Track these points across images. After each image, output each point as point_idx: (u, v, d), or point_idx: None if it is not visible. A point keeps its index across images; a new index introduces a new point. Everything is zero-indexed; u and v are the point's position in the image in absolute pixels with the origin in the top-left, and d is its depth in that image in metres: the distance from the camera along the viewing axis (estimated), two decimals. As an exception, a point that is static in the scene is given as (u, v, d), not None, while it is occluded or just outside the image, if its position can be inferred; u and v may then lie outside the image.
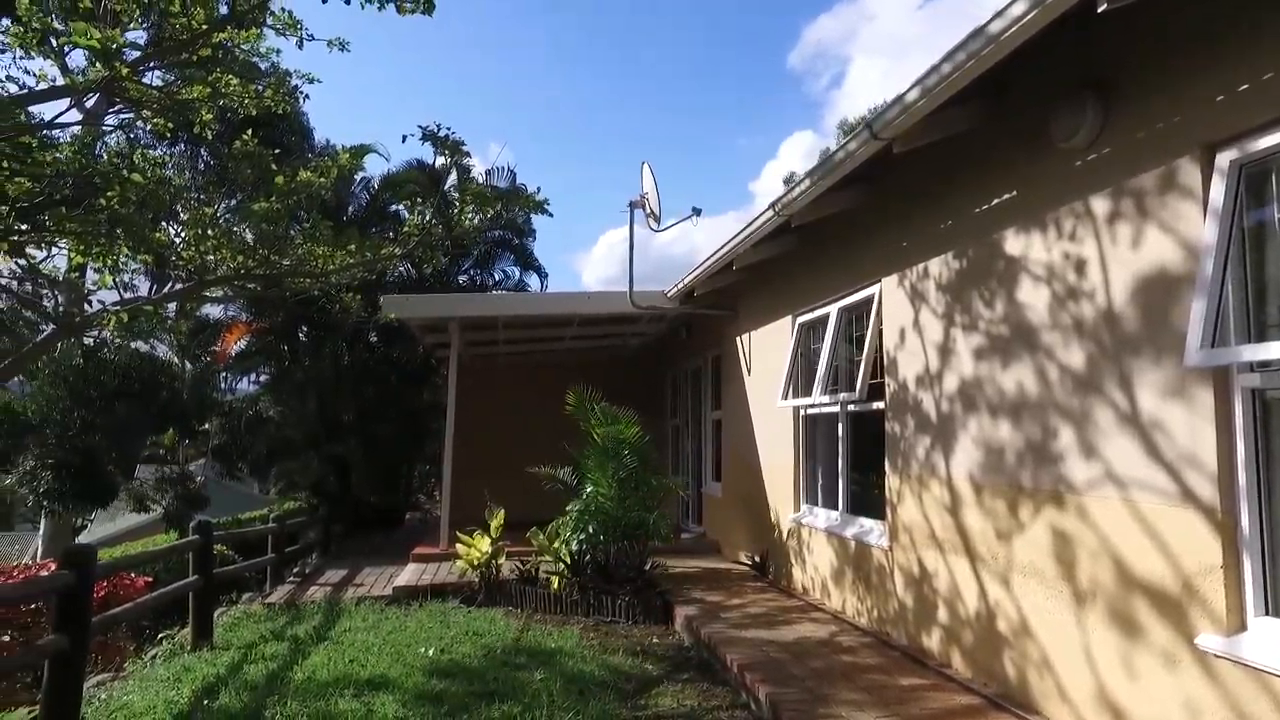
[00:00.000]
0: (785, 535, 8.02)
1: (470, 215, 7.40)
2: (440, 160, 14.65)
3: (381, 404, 13.99)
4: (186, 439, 18.85)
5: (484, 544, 8.00)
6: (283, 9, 7.58)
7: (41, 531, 19.21)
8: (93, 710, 5.11)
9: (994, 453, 4.66)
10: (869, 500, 6.70)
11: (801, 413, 7.87)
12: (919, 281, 5.62)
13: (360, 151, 13.40)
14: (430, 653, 6.02)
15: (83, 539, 20.60)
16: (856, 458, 6.95)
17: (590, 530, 7.46)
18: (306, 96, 7.75)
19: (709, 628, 6.10)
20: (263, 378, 16.15)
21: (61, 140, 6.42)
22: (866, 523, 6.47)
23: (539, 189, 7.18)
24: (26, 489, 14.46)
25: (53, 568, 7.90)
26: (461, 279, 16.06)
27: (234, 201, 9.80)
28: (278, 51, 8.48)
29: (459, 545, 8.24)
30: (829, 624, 6.27)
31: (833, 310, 7.09)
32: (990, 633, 4.64)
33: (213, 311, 15.55)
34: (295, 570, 10.45)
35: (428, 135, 6.49)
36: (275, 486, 17.66)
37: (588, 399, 8.20)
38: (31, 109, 6.36)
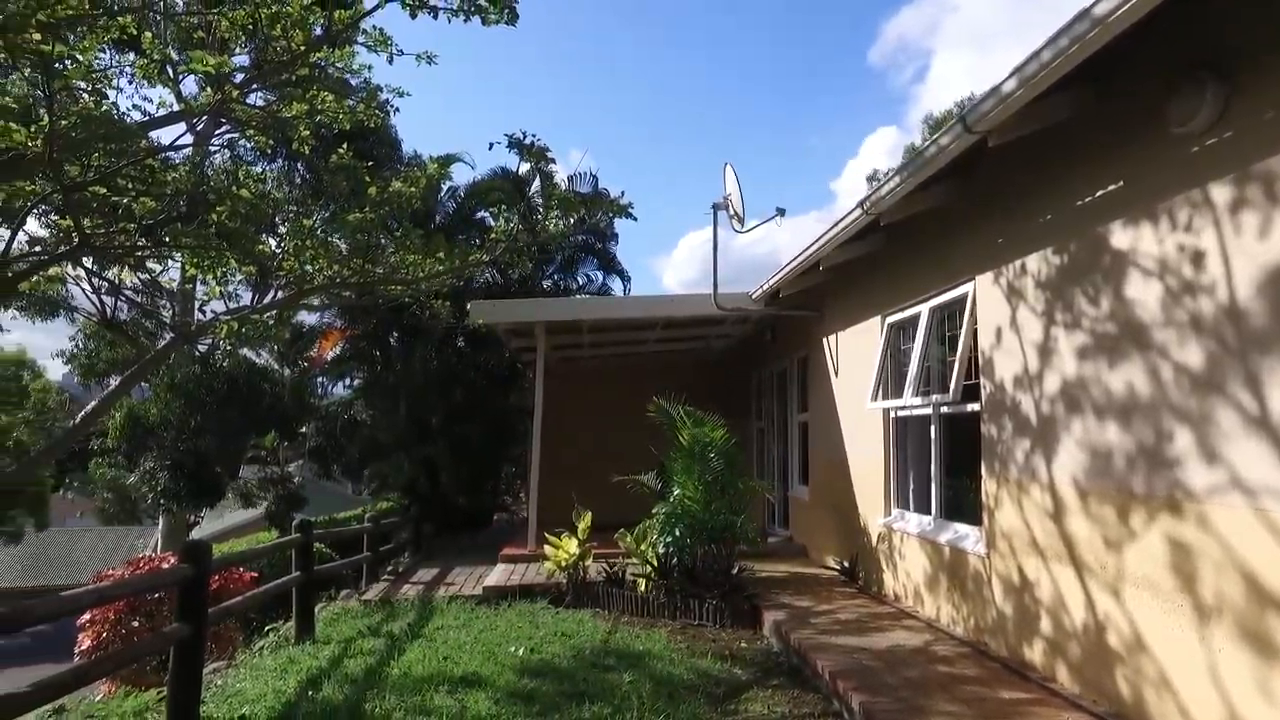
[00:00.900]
0: (875, 540, 7.83)
1: (555, 220, 7.51)
2: (524, 167, 14.97)
3: (469, 407, 14.33)
4: (286, 441, 19.76)
5: (571, 546, 8.08)
6: (374, 26, 7.86)
7: (160, 526, 20.51)
8: (211, 695, 5.39)
9: (1101, 456, 4.43)
10: (963, 505, 6.47)
11: (891, 414, 7.67)
12: (1016, 279, 5.41)
13: (447, 161, 13.75)
14: (520, 652, 6.12)
15: (195, 534, 21.84)
16: (950, 461, 6.73)
17: (677, 533, 7.45)
18: (396, 110, 8.00)
19: (798, 633, 6.01)
20: (356, 382, 16.76)
21: (177, 161, 6.81)
22: (961, 528, 6.26)
23: (623, 193, 7.24)
24: (147, 487, 15.45)
25: (172, 560, 8.41)
26: (546, 284, 16.31)
27: (328, 212, 10.22)
28: (369, 68, 8.79)
29: (546, 547, 8.35)
30: (923, 632, 6.09)
31: (923, 310, 6.89)
32: (1100, 647, 4.40)
33: (308, 319, 16.25)
34: (389, 569, 10.79)
35: (514, 143, 6.62)
36: (368, 487, 18.31)
37: (672, 402, 8.19)
38: (151, 134, 6.77)
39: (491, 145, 14.02)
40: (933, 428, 6.78)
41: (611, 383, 14.12)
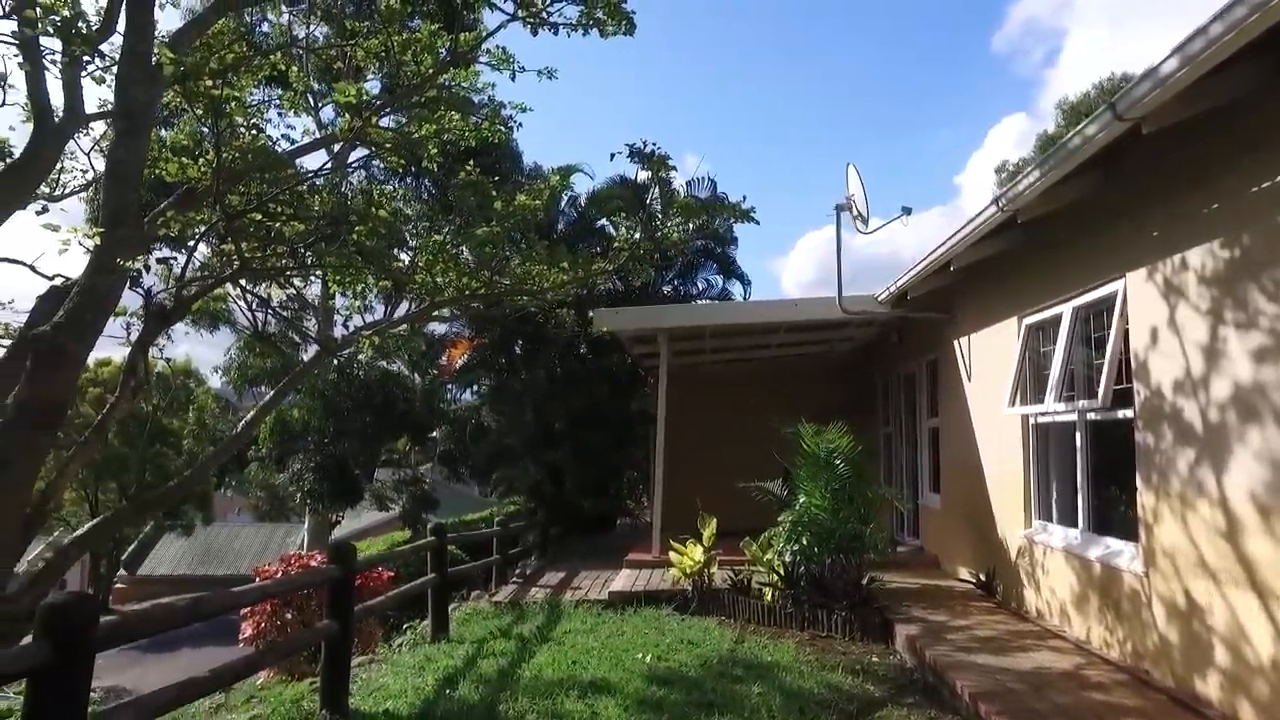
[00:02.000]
0: (1014, 553, 7.41)
1: (676, 227, 7.53)
2: (643, 175, 15.12)
3: (592, 412, 14.56)
4: (417, 445, 20.72)
5: (696, 553, 8.06)
6: (496, 46, 8.12)
7: (307, 524, 21.93)
8: (357, 687, 5.68)
9: (1283, 470, 4.01)
10: (1115, 518, 6.03)
11: (1031, 421, 7.25)
12: (1175, 274, 4.99)
13: (568, 172, 14.11)
14: (648, 659, 6.15)
15: (336, 532, 23.22)
16: (1097, 471, 6.28)
17: (804, 542, 7.31)
18: (519, 125, 8.24)
19: (934, 649, 5.75)
20: (482, 389, 17.35)
21: (320, 185, 7.26)
22: (1114, 544, 5.82)
23: (744, 197, 7.16)
24: (295, 488, 16.58)
25: (320, 559, 8.96)
26: (666, 289, 16.38)
27: (453, 225, 10.64)
28: (493, 85, 9.08)
29: (671, 553, 8.37)
30: (1071, 654, 5.70)
31: (1065, 310, 6.47)
32: (1285, 680, 3.99)
33: (438, 328, 16.95)
34: (517, 571, 11.10)
35: (635, 152, 6.69)
36: (495, 491, 18.93)
37: (796, 408, 8.05)
38: (297, 160, 7.25)
39: (613, 156, 14.23)
40: (1078, 435, 6.35)
41: (734, 387, 14.03)
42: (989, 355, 8.16)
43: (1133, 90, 4.17)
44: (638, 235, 7.90)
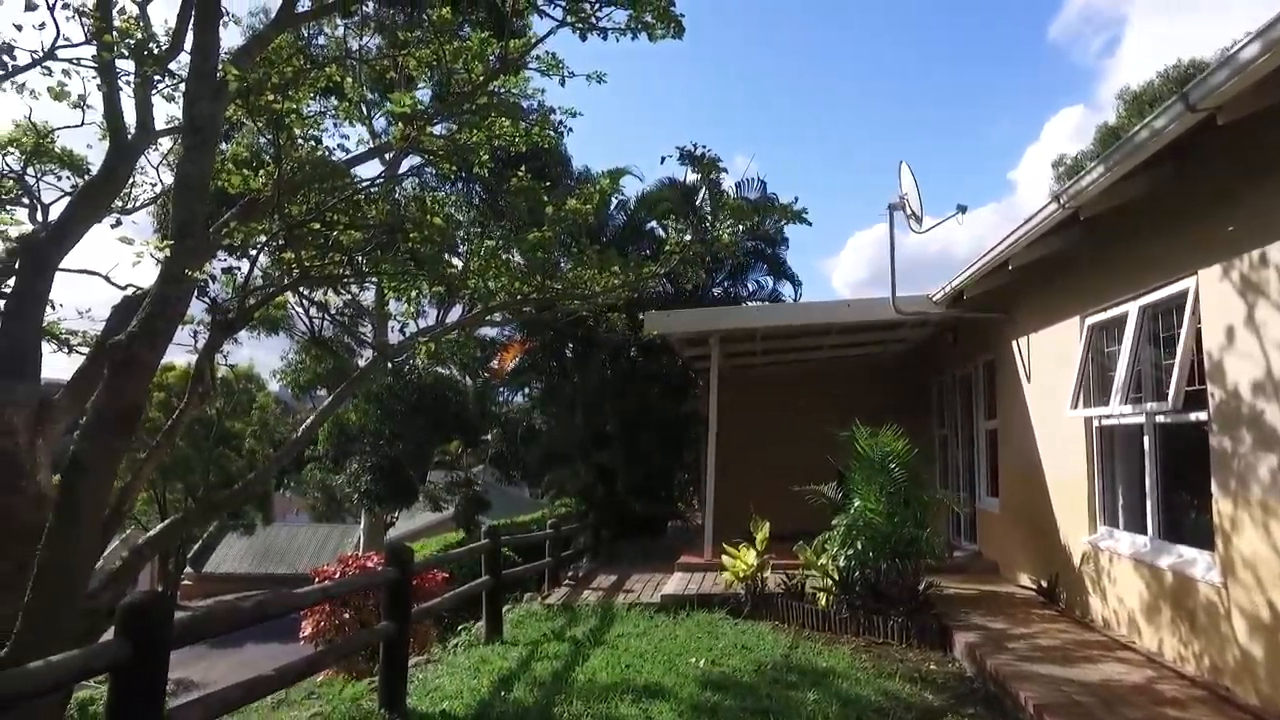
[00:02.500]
0: (1077, 559, 7.19)
1: (727, 229, 7.49)
2: (692, 176, 15.10)
3: (642, 415, 14.59)
4: (469, 447, 21.01)
5: (749, 556, 8.01)
6: (546, 52, 8.17)
7: (362, 524, 22.40)
8: (414, 688, 5.77)
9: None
10: (1188, 525, 5.81)
11: (1095, 423, 7.03)
12: (1253, 271, 4.78)
13: (617, 174, 14.12)
14: (701, 663, 6.12)
15: (391, 534, 23.66)
16: (1167, 476, 6.06)
17: (858, 546, 7.21)
18: (570, 130, 8.28)
19: (995, 658, 5.61)
20: (533, 391, 17.50)
21: (374, 193, 7.40)
22: (1187, 552, 5.60)
23: (795, 199, 7.09)
24: (351, 489, 16.95)
25: (375, 559, 9.13)
26: (716, 291, 16.32)
27: (504, 230, 10.76)
28: (542, 91, 9.14)
29: (724, 557, 8.32)
30: (1142, 667, 5.50)
31: (1131, 309, 6.26)
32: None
33: (488, 332, 17.15)
34: (569, 573, 11.15)
35: (685, 155, 6.68)
36: (547, 493, 19.09)
37: (848, 409, 7.94)
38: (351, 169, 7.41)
39: (664, 159, 14.27)
40: (1146, 439, 6.14)
41: (786, 389, 13.92)
42: (1049, 356, 7.94)
43: (1209, 79, 4.00)
44: (688, 238, 7.86)
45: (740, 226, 7.53)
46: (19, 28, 4.97)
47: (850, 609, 7.18)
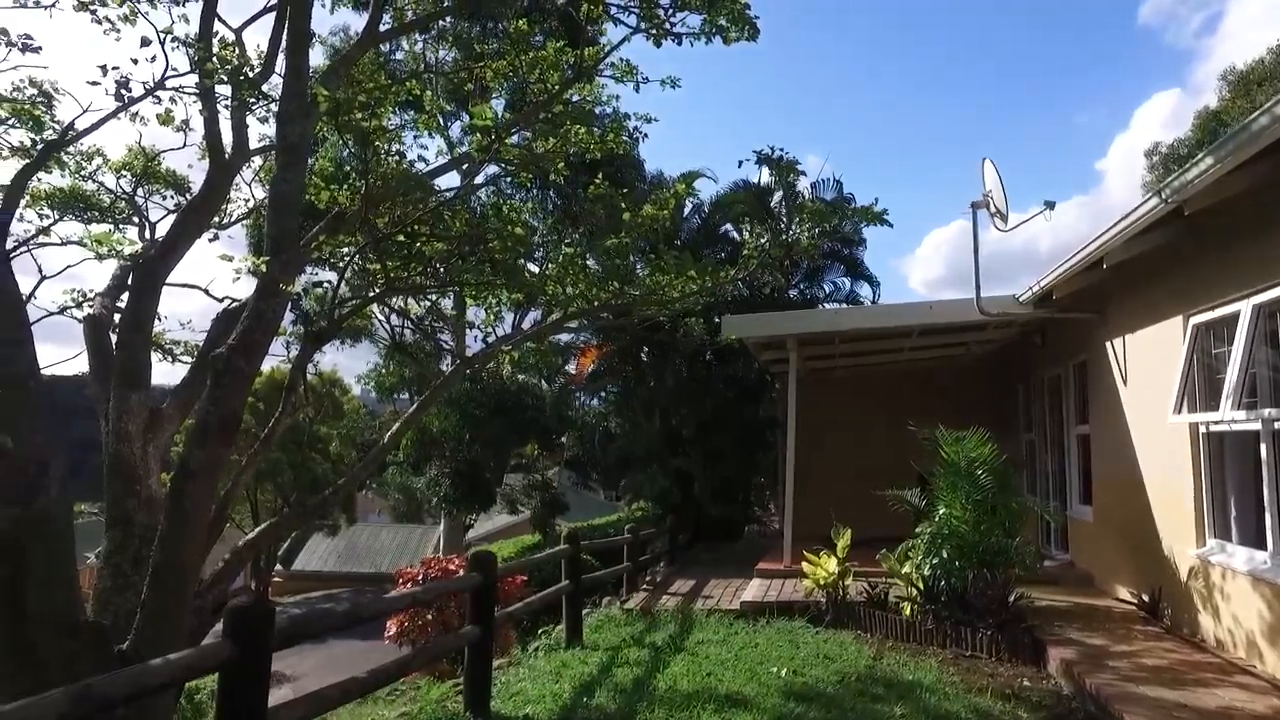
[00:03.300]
0: (1184, 574, 6.81)
1: (806, 232, 7.38)
2: (767, 178, 14.98)
3: (719, 419, 14.53)
4: (545, 451, 21.27)
5: (830, 564, 7.87)
6: (620, 59, 8.21)
7: (441, 526, 22.93)
8: (497, 690, 5.86)
9: None
10: (1310, 539, 5.43)
11: (1202, 430, 6.65)
12: (1381, 268, 4.45)
13: (691, 178, 14.10)
14: (783, 673, 6.04)
15: (469, 536, 24.14)
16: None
17: (944, 555, 7.00)
18: (645, 136, 8.30)
19: (1096, 677, 5.36)
20: (610, 395, 17.62)
21: (455, 204, 7.57)
22: (1309, 568, 5.24)
23: (875, 200, 6.94)
24: (432, 492, 17.38)
25: (457, 562, 9.32)
26: (792, 294, 16.14)
27: (576, 235, 10.86)
28: (617, 97, 9.19)
29: (804, 564, 8.19)
30: (1267, 694, 5.13)
31: (1244, 308, 5.90)
32: None
33: (565, 337, 17.34)
34: (647, 579, 11.17)
35: (762, 159, 6.62)
36: (624, 497, 19.19)
37: (931, 413, 7.73)
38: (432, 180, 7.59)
39: (741, 163, 14.13)
40: (1263, 447, 5.77)
41: (865, 392, 13.65)
42: (1148, 358, 7.56)
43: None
44: (765, 241, 7.77)
45: (824, 229, 7.39)
46: (135, 61, 5.26)
47: (936, 620, 6.98)
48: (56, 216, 7.22)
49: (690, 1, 7.33)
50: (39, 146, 6.43)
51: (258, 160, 7.93)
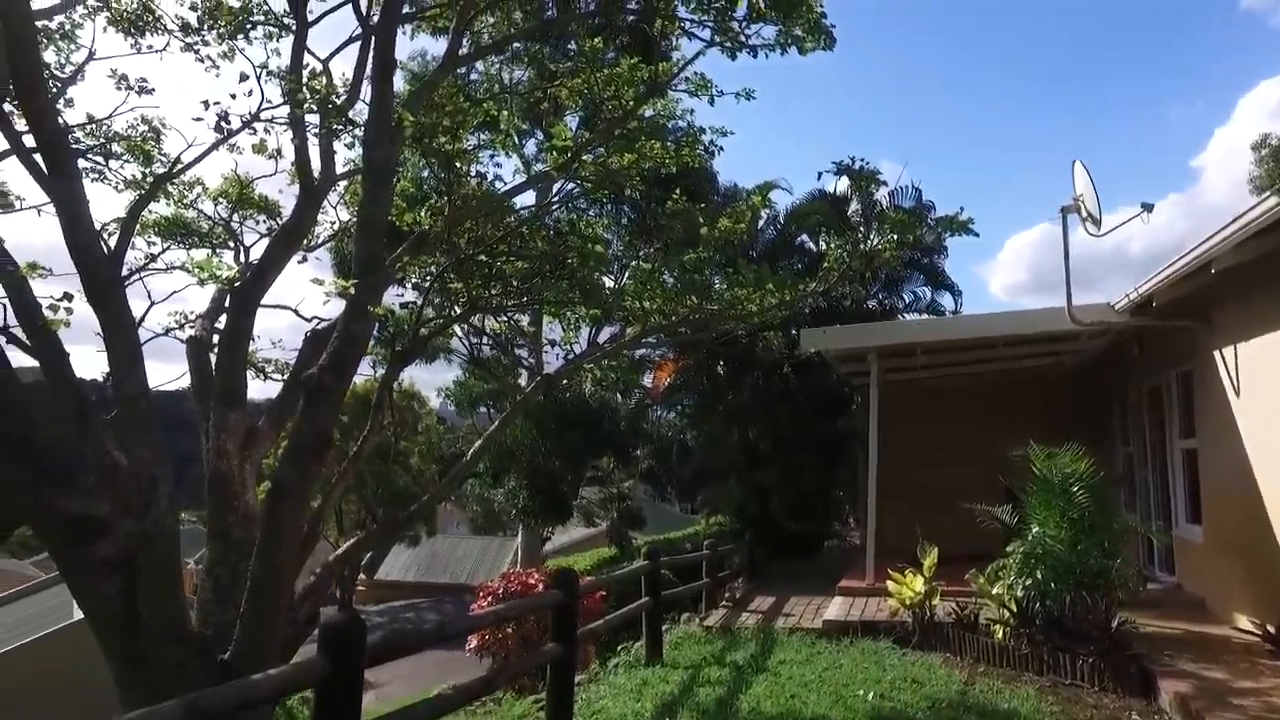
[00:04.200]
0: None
1: (889, 244, 7.21)
2: (842, 187, 14.72)
3: (796, 432, 14.30)
4: (620, 463, 21.34)
5: (917, 583, 7.62)
6: (695, 72, 8.19)
7: (519, 538, 23.24)
8: (578, 708, 5.86)
9: None
10: None
11: (1326, 445, 6.19)
12: None
13: (766, 189, 13.93)
14: (870, 697, 5.87)
15: (546, 548, 24.38)
16: None
17: (1038, 576, 6.68)
18: (721, 150, 8.26)
19: (1218, 715, 5.00)
20: (687, 409, 17.53)
21: (532, 222, 7.67)
22: None
23: (961, 209, 6.72)
24: (509, 504, 17.63)
25: (536, 576, 9.40)
26: (870, 304, 15.80)
27: (655, 250, 10.86)
28: (691, 111, 9.17)
29: (889, 582, 7.96)
30: None
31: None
32: None
33: (640, 350, 17.36)
34: (726, 595, 11.04)
35: (842, 169, 6.50)
36: (701, 510, 19.10)
37: (1018, 424, 7.42)
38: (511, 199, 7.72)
39: (820, 174, 13.91)
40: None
41: (949, 403, 13.23)
42: (1265, 367, 7.09)
43: None
44: (845, 254, 7.60)
45: (908, 239, 7.20)
46: (234, 96, 5.52)
47: (1031, 644, 6.67)
48: (164, 245, 7.61)
49: (765, 13, 7.28)
50: (148, 179, 6.81)
51: (342, 183, 8.22)
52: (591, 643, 9.27)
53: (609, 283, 9.25)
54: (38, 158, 4.95)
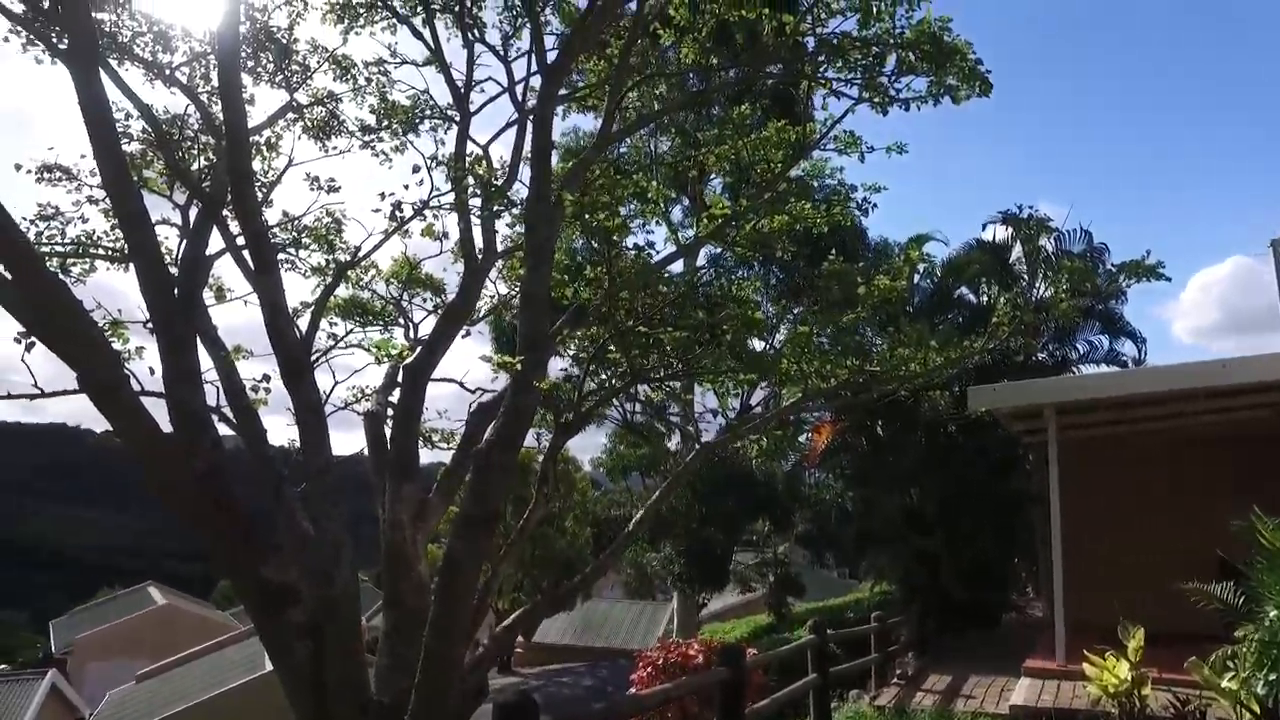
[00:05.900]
0: None
1: (1065, 294, 6.70)
2: (1002, 235, 13.95)
3: (965, 494, 13.36)
4: (777, 528, 20.73)
5: (1121, 669, 6.79)
6: (844, 131, 8.06)
7: (674, 603, 22.95)
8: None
9: None
10: None
11: None
12: None
13: (920, 241, 13.45)
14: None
15: (702, 614, 23.92)
16: None
17: (1281, 670, 5.77)
18: (875, 206, 8.04)
19: None
20: (845, 471, 16.83)
21: (685, 290, 7.71)
22: None
23: (1148, 252, 6.14)
24: (665, 571, 17.49)
25: (695, 647, 9.18)
26: (1041, 355, 14.69)
27: (803, 310, 10.64)
28: (841, 169, 8.99)
29: (1086, 665, 7.15)
30: None
31: None
32: None
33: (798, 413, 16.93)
34: (897, 671, 10.34)
35: (1008, 219, 6.14)
36: (864, 577, 18.18)
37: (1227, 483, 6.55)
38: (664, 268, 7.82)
39: (985, 225, 13.14)
40: None
41: (1141, 462, 11.93)
42: None
43: None
44: (1012, 306, 7.12)
45: (1085, 287, 6.68)
46: (407, 186, 5.96)
47: (1280, 750, 5.73)
48: (345, 327, 8.24)
49: (916, 65, 7.11)
50: (331, 266, 7.43)
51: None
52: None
53: (758, 345, 9.15)
54: (245, 254, 5.51)
